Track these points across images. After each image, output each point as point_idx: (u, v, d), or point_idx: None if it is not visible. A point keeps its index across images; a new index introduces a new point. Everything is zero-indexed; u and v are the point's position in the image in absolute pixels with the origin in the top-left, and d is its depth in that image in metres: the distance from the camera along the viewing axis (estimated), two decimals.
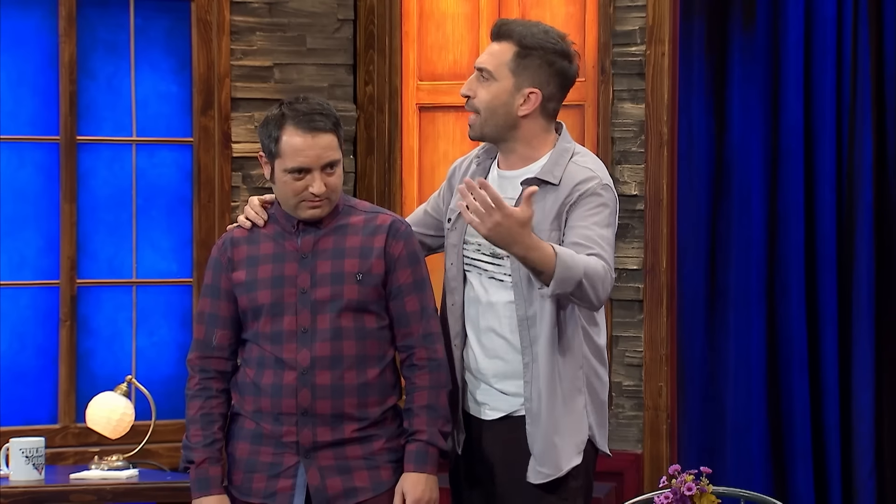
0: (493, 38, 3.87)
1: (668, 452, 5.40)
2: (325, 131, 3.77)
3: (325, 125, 3.78)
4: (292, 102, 3.81)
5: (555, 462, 3.81)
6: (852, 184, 5.38)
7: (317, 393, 3.78)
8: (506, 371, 3.86)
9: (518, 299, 3.81)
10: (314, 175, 3.77)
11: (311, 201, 3.79)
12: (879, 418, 5.36)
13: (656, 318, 5.43)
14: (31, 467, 4.79)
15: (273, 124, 3.79)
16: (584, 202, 3.76)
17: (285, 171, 3.77)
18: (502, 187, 3.85)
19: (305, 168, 3.76)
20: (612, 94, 5.50)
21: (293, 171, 3.76)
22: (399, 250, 3.85)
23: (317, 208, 3.80)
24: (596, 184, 3.79)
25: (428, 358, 3.85)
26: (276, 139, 3.78)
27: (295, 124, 3.76)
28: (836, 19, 5.37)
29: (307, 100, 3.82)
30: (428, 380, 3.84)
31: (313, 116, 3.77)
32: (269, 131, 3.79)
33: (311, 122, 3.76)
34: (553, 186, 3.79)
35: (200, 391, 3.88)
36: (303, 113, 3.77)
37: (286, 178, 3.78)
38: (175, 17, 5.71)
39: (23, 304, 5.58)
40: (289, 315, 3.80)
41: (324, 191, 3.77)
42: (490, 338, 3.87)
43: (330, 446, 3.81)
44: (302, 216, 3.82)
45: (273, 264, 3.84)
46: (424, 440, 3.82)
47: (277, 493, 3.82)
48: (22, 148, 5.58)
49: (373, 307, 3.84)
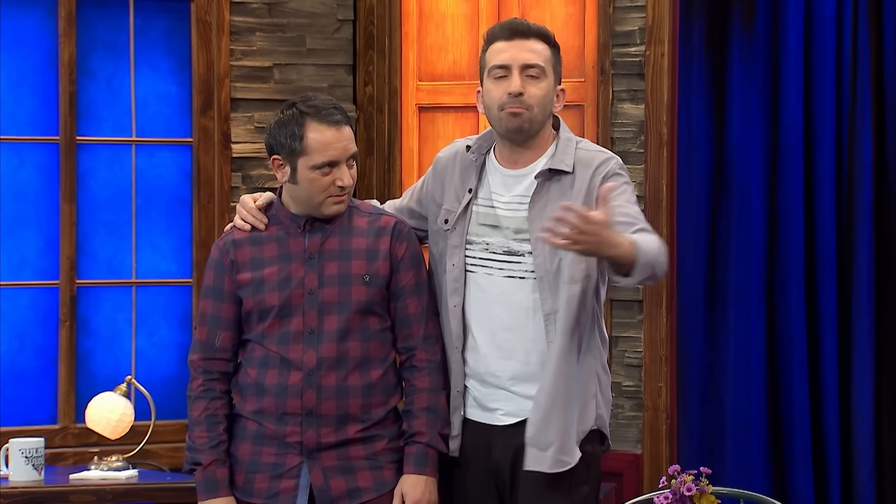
0: (523, 36, 3.87)
1: (667, 453, 5.40)
2: (346, 124, 3.82)
3: (343, 118, 3.83)
4: (305, 100, 3.83)
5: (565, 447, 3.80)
6: (852, 183, 5.37)
7: (322, 394, 3.79)
8: (525, 373, 3.85)
9: (544, 294, 3.82)
10: (342, 168, 3.80)
11: (337, 196, 3.82)
12: (879, 418, 5.36)
13: (656, 319, 5.43)
14: (31, 468, 4.79)
15: (294, 123, 3.80)
16: (611, 182, 3.78)
17: (313, 167, 3.79)
18: (507, 185, 3.87)
19: (335, 161, 3.79)
20: (611, 94, 5.50)
21: (323, 165, 3.78)
22: (403, 252, 3.87)
23: (341, 202, 3.84)
24: (615, 164, 3.87)
25: (428, 360, 3.87)
26: (300, 137, 3.79)
27: (318, 120, 3.79)
28: (835, 19, 5.36)
29: (317, 97, 3.86)
30: (428, 382, 3.85)
31: (331, 111, 3.81)
32: (289, 130, 3.80)
33: (331, 115, 3.80)
34: (567, 175, 3.83)
35: (204, 392, 3.88)
36: (321, 108, 3.80)
37: (313, 174, 3.79)
38: (175, 17, 5.71)
39: (22, 305, 5.58)
40: (296, 316, 3.81)
41: (350, 183, 3.81)
42: (507, 338, 3.86)
43: (334, 447, 3.82)
44: (326, 213, 3.83)
45: (279, 265, 3.84)
46: (425, 442, 3.83)
47: (280, 493, 3.83)
48: (22, 148, 5.58)
49: (377, 308, 3.85)
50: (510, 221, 3.86)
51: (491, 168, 3.94)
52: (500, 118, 3.85)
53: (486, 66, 3.88)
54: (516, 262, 3.85)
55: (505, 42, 3.86)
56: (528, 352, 3.84)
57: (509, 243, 3.85)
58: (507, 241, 3.86)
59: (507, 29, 3.89)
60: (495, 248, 3.87)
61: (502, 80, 3.84)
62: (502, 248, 3.86)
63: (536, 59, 3.85)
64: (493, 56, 3.87)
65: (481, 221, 3.89)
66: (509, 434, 3.85)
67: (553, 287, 3.81)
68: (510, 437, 3.84)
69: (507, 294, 3.86)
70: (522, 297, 3.85)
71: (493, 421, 3.88)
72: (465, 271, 3.90)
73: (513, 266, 3.86)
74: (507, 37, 3.86)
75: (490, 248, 3.88)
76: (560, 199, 3.78)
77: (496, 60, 3.86)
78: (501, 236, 3.86)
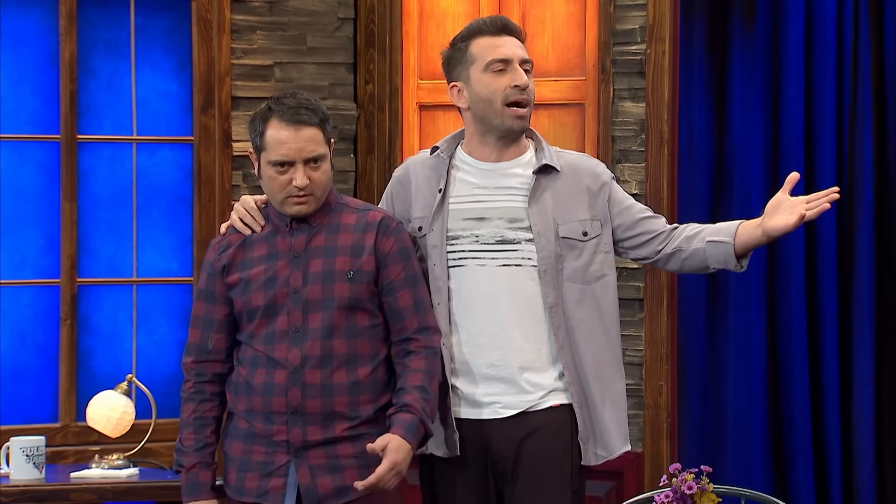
0: (511, 34, 3.93)
1: (668, 451, 5.40)
2: (308, 125, 3.79)
3: (309, 119, 3.79)
4: (280, 98, 3.85)
5: (607, 443, 3.89)
6: (853, 182, 5.37)
7: (307, 392, 3.78)
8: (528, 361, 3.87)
9: (545, 286, 3.85)
10: (297, 168, 3.78)
11: (296, 196, 3.80)
12: (880, 417, 5.36)
13: (657, 317, 5.43)
14: (32, 466, 4.79)
15: (259, 119, 3.84)
16: (613, 187, 3.97)
17: (269, 163, 3.80)
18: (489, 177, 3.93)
19: (288, 161, 3.78)
20: (612, 92, 5.50)
21: (276, 163, 3.79)
22: (390, 246, 3.86)
23: (302, 204, 3.81)
24: (605, 168, 4.02)
25: (425, 346, 3.84)
26: (262, 133, 3.82)
27: (279, 118, 3.80)
28: (836, 17, 5.36)
29: (295, 95, 3.85)
30: (424, 364, 3.82)
31: (298, 110, 3.79)
32: (255, 126, 3.84)
33: (295, 114, 3.79)
34: (556, 172, 3.91)
35: (194, 394, 3.89)
36: (288, 107, 3.80)
37: (271, 171, 3.81)
38: (175, 15, 5.71)
39: (23, 303, 5.58)
40: (282, 315, 3.81)
41: (307, 184, 3.78)
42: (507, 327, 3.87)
43: (321, 445, 3.80)
44: (288, 212, 3.83)
45: (266, 265, 3.84)
46: (419, 417, 3.78)
47: (269, 492, 3.82)
48: (22, 147, 5.58)
49: (365, 305, 3.83)
50: (501, 212, 3.88)
51: (462, 166, 3.97)
52: (502, 114, 3.87)
53: (477, 60, 3.89)
54: (511, 250, 3.87)
55: (496, 37, 3.90)
56: (531, 339, 3.86)
57: (503, 232, 3.88)
58: (501, 231, 3.88)
59: (491, 24, 3.93)
60: (487, 239, 3.89)
61: (502, 73, 3.87)
62: (495, 238, 3.88)
63: (528, 55, 3.93)
64: (488, 50, 3.89)
65: (465, 216, 3.91)
66: (512, 424, 3.86)
67: (555, 279, 3.86)
68: (513, 428, 3.85)
69: (504, 282, 3.87)
70: (520, 285, 3.87)
71: (491, 415, 3.88)
72: (447, 269, 3.90)
73: (508, 255, 3.88)
74: (496, 32, 3.90)
75: (481, 240, 3.89)
76: (555, 196, 3.89)
77: (496, 55, 3.88)
78: (492, 227, 3.88)
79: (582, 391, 3.86)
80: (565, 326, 3.86)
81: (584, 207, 3.91)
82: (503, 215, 3.89)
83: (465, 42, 3.93)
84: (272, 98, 3.86)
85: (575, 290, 3.87)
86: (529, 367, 3.86)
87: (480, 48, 3.90)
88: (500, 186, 3.91)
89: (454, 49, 3.94)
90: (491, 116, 3.90)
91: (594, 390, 3.87)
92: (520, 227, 3.87)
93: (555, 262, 3.85)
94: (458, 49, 3.93)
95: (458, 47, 3.93)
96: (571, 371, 3.86)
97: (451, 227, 3.90)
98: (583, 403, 3.86)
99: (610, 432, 3.89)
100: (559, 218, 3.88)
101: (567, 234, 3.88)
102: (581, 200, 3.91)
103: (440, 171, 3.96)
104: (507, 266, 3.88)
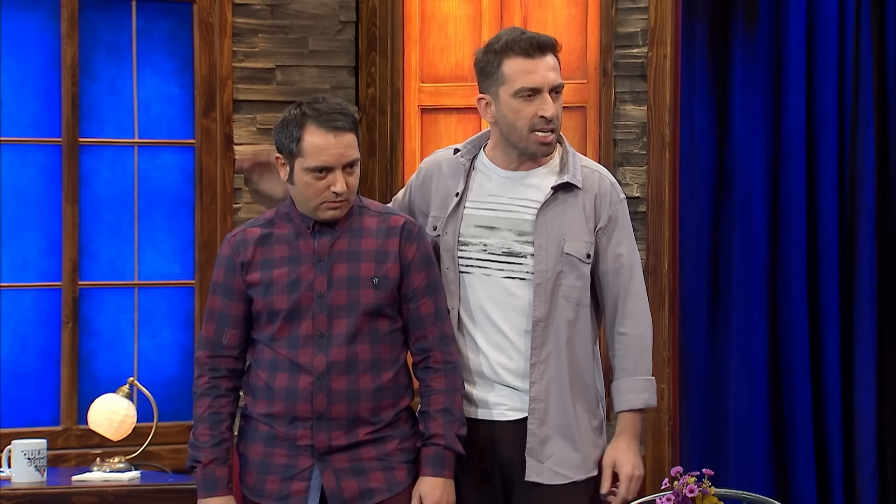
0: (543, 52, 3.85)
1: (670, 454, 5.40)
2: (346, 130, 3.79)
3: (345, 124, 3.79)
4: (311, 102, 3.82)
5: (572, 463, 3.88)
6: (854, 185, 5.37)
7: (332, 398, 3.79)
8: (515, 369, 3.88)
9: (538, 301, 3.84)
10: (336, 174, 3.78)
11: (332, 202, 3.80)
12: (881, 420, 5.36)
13: (658, 320, 5.42)
14: (33, 469, 4.79)
15: (294, 124, 3.80)
16: (620, 215, 3.92)
17: (307, 170, 3.78)
18: (506, 186, 3.90)
19: (328, 167, 3.77)
20: (613, 95, 5.50)
21: (315, 169, 3.77)
22: (413, 253, 3.86)
23: (337, 209, 3.81)
24: (618, 191, 3.94)
25: (444, 361, 3.86)
26: (298, 139, 3.78)
27: (317, 123, 3.78)
28: (837, 20, 5.36)
29: (326, 100, 3.84)
30: (444, 383, 3.85)
31: (334, 116, 3.78)
32: (289, 131, 3.80)
33: (332, 121, 3.78)
34: (576, 189, 3.88)
35: (210, 389, 3.88)
36: (324, 112, 3.78)
37: (307, 177, 3.79)
38: (177, 18, 5.71)
39: (25, 306, 5.58)
40: (306, 319, 3.81)
41: (345, 190, 3.78)
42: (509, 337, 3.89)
43: (345, 449, 3.82)
44: (321, 217, 3.82)
45: (289, 267, 3.83)
46: (442, 444, 3.83)
47: (291, 495, 3.83)
48: (24, 150, 5.58)
49: (387, 311, 3.85)
50: (510, 223, 3.88)
51: (483, 170, 3.95)
52: (527, 139, 3.85)
53: (507, 83, 3.84)
54: (517, 264, 3.87)
55: (528, 60, 3.82)
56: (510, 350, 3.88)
57: (510, 244, 3.87)
58: (508, 242, 3.87)
59: (527, 44, 3.84)
60: (494, 249, 3.88)
61: (531, 100, 3.83)
62: (502, 249, 3.87)
63: (559, 77, 3.87)
64: (519, 76, 3.83)
65: (476, 223, 3.90)
66: (518, 428, 3.88)
67: (550, 295, 3.85)
68: (519, 431, 3.88)
69: (507, 294, 3.87)
70: (522, 297, 3.86)
71: (501, 417, 3.90)
72: (458, 273, 3.91)
73: (513, 267, 3.87)
74: (527, 53, 3.82)
75: (488, 249, 3.89)
76: (567, 212, 3.86)
77: (526, 82, 3.82)
78: (500, 237, 3.88)
79: (545, 409, 3.87)
80: (553, 343, 3.86)
81: (588, 224, 3.90)
82: (513, 227, 3.88)
83: (498, 57, 3.85)
84: (303, 102, 3.82)
85: (569, 308, 3.87)
86: (518, 375, 3.89)
87: (513, 71, 3.84)
88: (514, 197, 3.90)
89: (487, 59, 3.88)
90: (515, 139, 3.88)
91: (562, 413, 3.87)
92: (527, 241, 3.87)
93: (553, 278, 3.85)
94: (490, 62, 3.87)
95: (490, 61, 3.87)
96: (544, 387, 3.86)
97: (463, 233, 3.91)
98: (543, 420, 3.87)
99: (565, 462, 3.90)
100: (567, 234, 3.87)
101: (572, 251, 3.87)
102: (590, 219, 3.90)
103: (460, 174, 3.95)
104: (512, 278, 3.88)
